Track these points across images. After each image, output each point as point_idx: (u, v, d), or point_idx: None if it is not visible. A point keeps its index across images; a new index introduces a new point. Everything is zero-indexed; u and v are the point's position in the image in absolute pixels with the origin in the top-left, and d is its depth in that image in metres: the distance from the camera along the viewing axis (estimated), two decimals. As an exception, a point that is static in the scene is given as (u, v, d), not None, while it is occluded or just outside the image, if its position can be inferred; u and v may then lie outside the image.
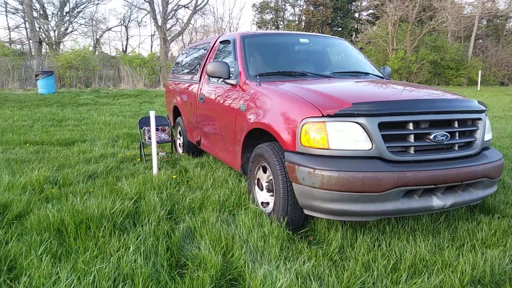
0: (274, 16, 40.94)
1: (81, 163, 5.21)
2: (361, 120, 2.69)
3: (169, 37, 30.18)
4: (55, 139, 7.22)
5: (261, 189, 3.46)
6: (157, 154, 5.36)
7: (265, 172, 3.39)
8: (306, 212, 2.91)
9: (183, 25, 31.58)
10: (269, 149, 3.16)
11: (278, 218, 3.04)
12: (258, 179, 3.48)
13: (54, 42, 28.14)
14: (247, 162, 3.73)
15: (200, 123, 4.92)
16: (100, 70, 21.35)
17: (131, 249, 2.54)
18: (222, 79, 4.15)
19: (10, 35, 31.51)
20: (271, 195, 3.30)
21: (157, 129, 5.61)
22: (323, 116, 2.73)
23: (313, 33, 4.64)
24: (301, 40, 4.38)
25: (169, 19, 31.05)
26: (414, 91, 3.29)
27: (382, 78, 4.24)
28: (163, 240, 2.76)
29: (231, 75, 3.99)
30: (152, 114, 4.60)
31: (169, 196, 3.64)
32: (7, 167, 4.88)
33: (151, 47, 36.42)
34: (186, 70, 5.93)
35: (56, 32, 29.66)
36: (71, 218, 2.91)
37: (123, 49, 36.24)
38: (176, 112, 6.19)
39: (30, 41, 27.74)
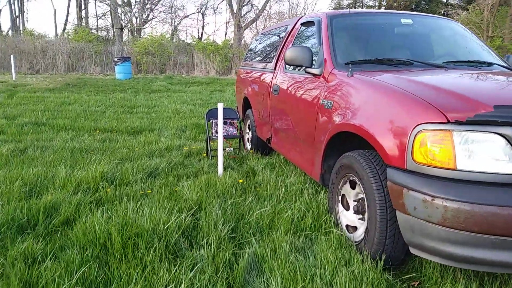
0: (352, 2, 38.91)
1: (144, 157, 4.85)
2: (507, 130, 1.86)
3: (243, 24, 29.90)
4: (124, 127, 7.05)
5: (347, 209, 2.74)
6: (224, 149, 4.85)
7: (353, 188, 2.66)
8: (412, 251, 2.14)
9: (257, 12, 31.11)
10: (361, 160, 2.43)
11: (371, 252, 2.31)
12: (343, 196, 2.76)
13: (135, 29, 29.22)
14: (328, 172, 3.03)
15: (272, 118, 4.28)
16: (175, 57, 21.63)
17: (183, 285, 1.98)
18: (302, 68, 3.46)
19: (97, 22, 33.46)
20: (361, 219, 2.58)
21: (225, 123, 5.08)
22: (448, 122, 1.93)
23: (417, 13, 3.75)
24: (403, 20, 3.52)
25: (244, 5, 30.73)
26: None
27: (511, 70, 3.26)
28: (223, 272, 2.18)
29: (314, 63, 3.28)
30: (220, 107, 4.05)
31: (233, 207, 3.06)
32: (70, 157, 4.66)
33: (225, 34, 36.53)
34: (259, 58, 5.31)
35: (137, 19, 30.81)
36: (118, 233, 2.43)
37: (198, 36, 36.79)
38: (246, 104, 5.61)
39: (114, 28, 29.09)
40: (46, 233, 2.66)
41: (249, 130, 5.47)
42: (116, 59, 15.44)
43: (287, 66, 4.05)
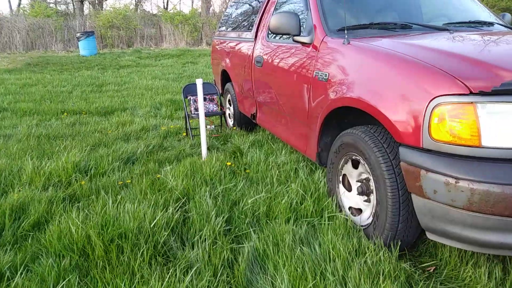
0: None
1: (119, 140, 4.49)
2: (537, 99, 1.65)
3: (211, -8, 28.68)
4: (93, 108, 6.59)
5: (349, 190, 2.52)
6: (205, 127, 4.54)
7: (355, 167, 2.44)
8: (430, 236, 1.96)
9: (224, -22, 29.83)
10: (366, 138, 2.19)
11: (382, 238, 2.12)
12: (344, 176, 2.54)
13: (96, 1, 27.60)
14: (325, 150, 2.79)
15: (256, 93, 3.98)
16: (141, 29, 20.62)
17: (179, 295, 1.74)
18: (289, 36, 3.15)
19: (54, -5, 31.34)
20: (366, 201, 2.37)
21: (204, 99, 4.74)
22: (471, 93, 1.70)
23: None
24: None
25: (210, -28, 29.38)
26: None
27: None
28: (223, 273, 1.94)
29: (302, 30, 2.97)
30: (199, 84, 3.71)
31: (224, 193, 2.80)
32: (36, 146, 4.24)
33: (192, 2, 35.11)
34: (237, 26, 4.92)
35: (97, -10, 29.02)
36: (98, 236, 2.14)
37: (164, 6, 35.22)
38: (225, 77, 5.26)
39: (73, 1, 27.37)
40: (14, 240, 2.34)
41: (230, 105, 5.16)
42: (78, 34, 14.50)
43: (269, 34, 3.72)
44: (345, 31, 2.56)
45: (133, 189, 2.90)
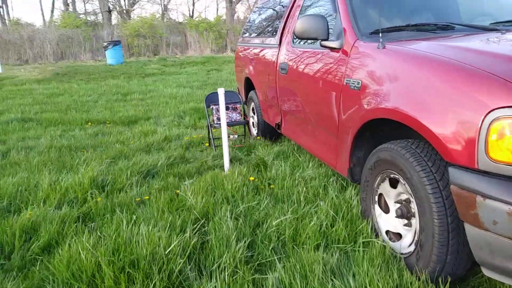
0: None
1: (141, 152, 4.35)
2: None
3: (235, -2, 28.77)
4: (117, 117, 6.54)
5: (386, 211, 2.25)
6: (228, 137, 4.35)
7: (394, 186, 2.17)
8: (487, 273, 1.66)
9: (249, -16, 29.87)
10: (408, 155, 1.92)
11: (427, 271, 1.83)
12: (381, 196, 2.27)
13: (124, 11, 28.18)
14: (358, 165, 2.52)
15: (280, 101, 3.75)
16: (167, 37, 20.81)
17: None
18: (316, 41, 2.91)
19: (85, 7, 32.29)
20: (406, 225, 2.09)
21: (226, 108, 4.55)
22: (540, 105, 1.41)
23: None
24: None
25: (235, -22, 29.51)
26: None
27: None
28: (243, 311, 1.71)
29: (330, 34, 2.73)
30: (221, 93, 3.52)
31: (247, 213, 2.58)
32: (57, 158, 4.15)
33: (217, 10, 35.33)
34: (260, 32, 4.72)
35: (125, 0, 29.68)
36: (109, 264, 1.95)
37: (190, 14, 35.63)
38: (249, 85, 5.06)
39: (102, 11, 28.05)
40: (23, 264, 2.19)
41: (254, 114, 4.94)
42: (105, 44, 14.73)
43: (295, 39, 3.49)
44: (380, 34, 2.30)
45: (150, 207, 2.72)
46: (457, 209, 1.66)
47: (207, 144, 4.69)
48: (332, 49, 2.68)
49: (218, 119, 4.50)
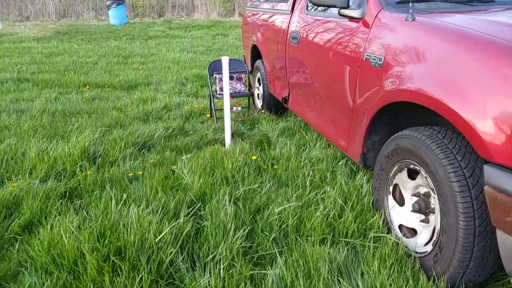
0: None
1: (138, 121, 4.12)
2: None
3: (245, -40, 27.61)
4: (117, 81, 6.27)
5: (400, 204, 2.03)
6: (230, 109, 4.10)
7: (412, 177, 1.94)
8: (518, 287, 1.46)
9: None
10: (434, 146, 1.68)
11: (445, 276, 1.64)
12: (396, 186, 2.05)
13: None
14: (372, 150, 2.29)
15: (289, 74, 3.47)
16: (173, -2, 20.07)
17: None
18: (334, 9, 2.61)
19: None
20: (423, 221, 1.88)
21: (231, 77, 4.27)
22: None
23: None
24: None
25: None
26: None
27: None
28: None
29: (350, 1, 2.42)
30: (225, 62, 3.24)
31: (247, 197, 2.37)
32: (49, 124, 3.93)
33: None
34: (270, -4, 4.37)
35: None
36: (91, 252, 1.76)
37: (197, -25, 34.33)
38: (256, 53, 4.75)
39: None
40: (1, 243, 2.01)
41: (260, 84, 4.66)
42: (109, 3, 14.14)
43: (309, 6, 3.17)
44: (410, 4, 2.00)
45: (143, 185, 2.51)
46: (490, 213, 1.43)
47: (208, 116, 4.45)
48: (352, 18, 2.39)
49: (221, 89, 4.23)
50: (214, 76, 4.29)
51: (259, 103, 4.72)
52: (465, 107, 1.51)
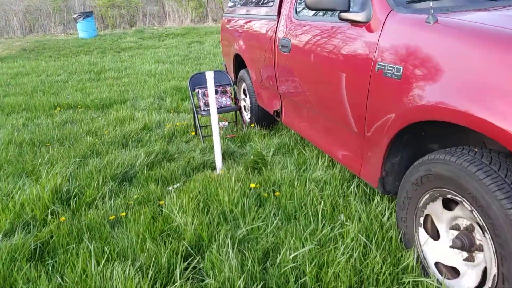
0: None
1: (116, 146, 3.73)
2: None
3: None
4: (90, 100, 5.84)
5: (434, 237, 1.73)
6: (218, 128, 3.76)
7: (449, 208, 1.65)
8: None
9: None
10: (480, 173, 1.38)
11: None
12: (427, 216, 1.75)
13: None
14: (392, 173, 1.98)
15: (280, 84, 3.16)
16: (143, 7, 19.56)
17: None
18: (332, 13, 2.31)
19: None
20: (467, 259, 1.58)
21: (215, 92, 3.92)
22: None
23: None
24: None
25: None
26: None
27: None
28: None
29: (353, 3, 2.12)
30: (209, 78, 2.91)
31: (251, 238, 2.03)
32: (16, 158, 3.50)
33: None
34: (252, 0, 4.04)
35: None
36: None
37: (166, -19, 33.77)
38: (239, 61, 4.42)
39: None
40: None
41: (246, 96, 4.34)
42: (76, 16, 13.56)
43: (299, 10, 2.86)
44: (431, 3, 1.71)
45: (128, 231, 2.14)
46: None
47: (193, 133, 4.09)
48: (355, 23, 2.08)
49: (206, 104, 3.88)
50: (196, 91, 3.94)
51: (247, 116, 4.39)
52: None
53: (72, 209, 2.46)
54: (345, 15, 2.11)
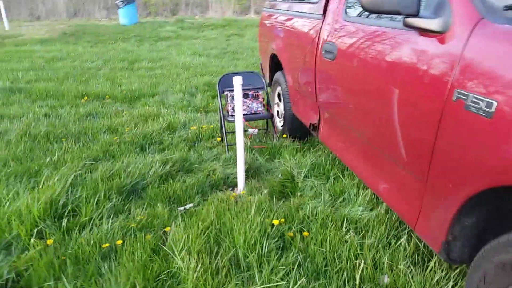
0: None
1: (133, 148, 3.39)
2: None
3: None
4: (119, 91, 5.58)
5: None
6: (245, 131, 3.34)
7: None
8: None
9: None
10: None
11: None
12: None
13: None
14: (460, 238, 1.48)
15: (320, 95, 2.68)
16: (187, -4, 19.36)
17: None
18: (391, 17, 1.81)
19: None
20: None
21: (246, 95, 3.50)
22: None
23: None
24: None
25: None
26: None
27: None
28: None
29: (423, 7, 1.61)
30: (237, 84, 2.48)
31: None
32: (25, 153, 3.23)
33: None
34: (295, -5, 3.57)
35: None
36: None
37: (213, -29, 33.56)
38: (276, 62, 3.97)
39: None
40: None
41: (280, 101, 3.88)
42: (118, 1, 13.50)
43: (349, 9, 2.37)
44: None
45: (118, 271, 1.75)
46: None
47: (218, 139, 3.69)
48: (426, 32, 1.57)
49: (233, 109, 3.46)
50: (225, 93, 3.52)
51: (279, 123, 3.93)
52: None
53: (63, 229, 2.10)
54: (412, 20, 1.60)
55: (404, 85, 1.64)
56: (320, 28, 2.67)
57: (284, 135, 3.58)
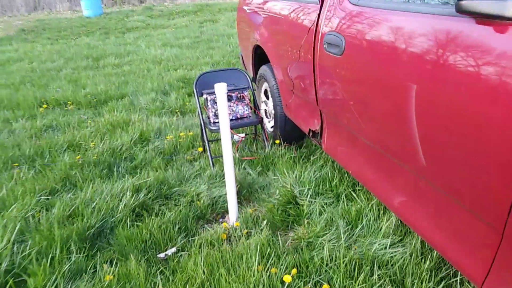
0: None
1: (98, 171, 2.84)
2: None
3: None
4: (82, 95, 4.95)
5: None
6: (232, 146, 2.83)
7: None
8: None
9: None
10: None
11: None
12: None
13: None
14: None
15: (323, 98, 2.18)
16: (154, -19, 18.33)
17: None
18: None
19: None
20: None
21: (229, 98, 2.97)
22: None
23: None
24: None
25: None
26: None
27: None
28: None
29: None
30: (220, 90, 1.95)
31: None
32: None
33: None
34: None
35: None
36: None
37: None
38: (260, 55, 3.45)
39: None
40: None
41: (267, 98, 3.37)
42: (79, -9, 12.57)
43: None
44: None
45: None
46: None
47: (200, 149, 3.17)
48: (490, 18, 1.08)
49: (216, 115, 2.93)
50: (204, 96, 2.98)
51: (268, 123, 3.42)
52: None
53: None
54: (472, 4, 1.10)
55: (461, 95, 1.15)
56: (318, 14, 2.15)
57: (277, 141, 3.08)
